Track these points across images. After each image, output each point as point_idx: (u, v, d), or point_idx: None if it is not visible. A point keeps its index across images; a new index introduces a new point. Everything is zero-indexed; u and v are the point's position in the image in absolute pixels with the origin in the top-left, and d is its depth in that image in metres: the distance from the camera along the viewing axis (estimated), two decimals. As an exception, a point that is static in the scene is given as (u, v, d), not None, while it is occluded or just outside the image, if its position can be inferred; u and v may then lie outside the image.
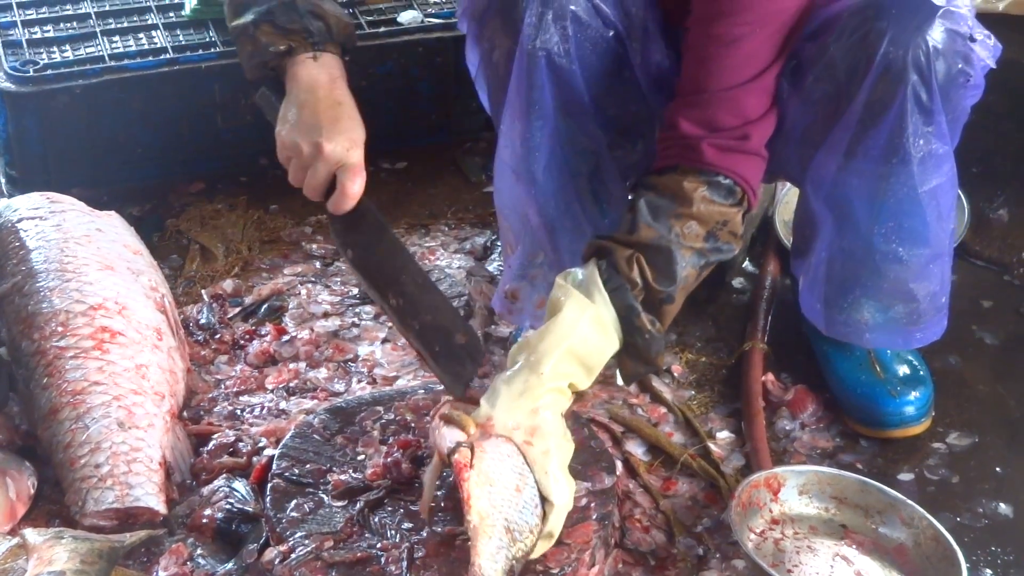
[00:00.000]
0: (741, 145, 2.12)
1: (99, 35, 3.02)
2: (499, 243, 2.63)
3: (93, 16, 3.08)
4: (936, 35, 2.12)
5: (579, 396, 2.16)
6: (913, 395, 2.45)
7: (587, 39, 2.18)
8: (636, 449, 2.39)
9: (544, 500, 2.01)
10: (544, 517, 2.01)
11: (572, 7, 2.16)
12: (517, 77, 2.19)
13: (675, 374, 2.56)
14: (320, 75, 2.15)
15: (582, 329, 2.05)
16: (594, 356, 2.07)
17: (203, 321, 2.64)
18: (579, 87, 2.20)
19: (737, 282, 2.76)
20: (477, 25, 2.24)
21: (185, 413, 2.42)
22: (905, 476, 2.37)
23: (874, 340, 2.41)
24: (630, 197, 2.20)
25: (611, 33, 2.20)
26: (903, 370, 2.47)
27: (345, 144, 2.10)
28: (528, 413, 2.04)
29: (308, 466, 2.23)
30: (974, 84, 2.16)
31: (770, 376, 2.53)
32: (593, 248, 2.12)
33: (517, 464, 2.02)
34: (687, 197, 2.10)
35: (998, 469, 2.39)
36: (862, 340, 2.41)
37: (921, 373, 2.48)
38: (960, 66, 2.13)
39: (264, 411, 2.45)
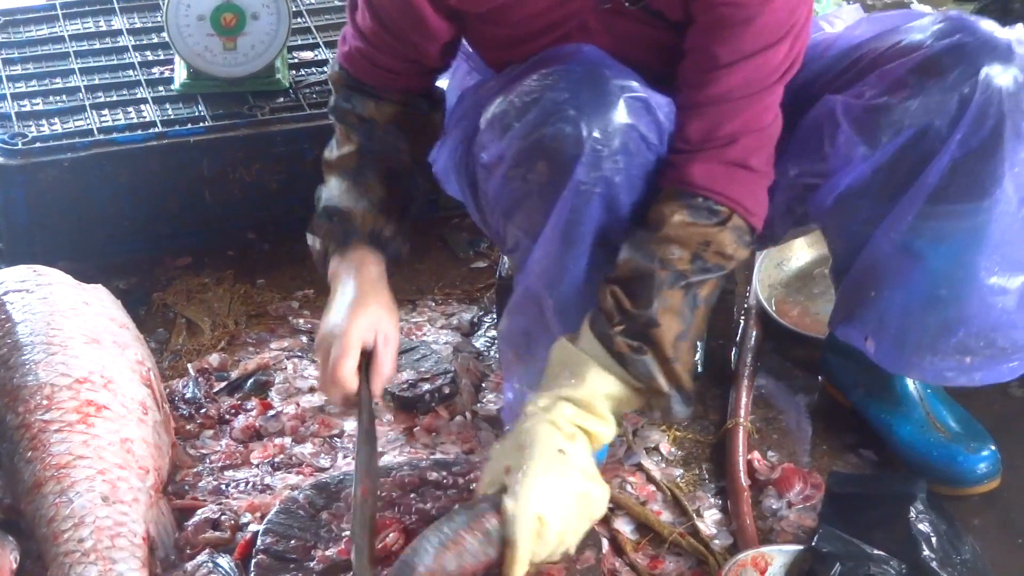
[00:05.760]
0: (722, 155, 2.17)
1: (88, 108, 3.02)
2: (498, 343, 2.61)
3: (82, 89, 3.08)
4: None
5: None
6: (985, 451, 2.47)
7: (635, 167, 2.18)
8: (624, 527, 2.38)
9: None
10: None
11: (623, 140, 2.16)
12: (563, 211, 2.18)
13: (663, 452, 2.55)
14: (340, 270, 2.29)
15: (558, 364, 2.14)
16: (585, 388, 2.12)
17: (189, 395, 2.63)
18: (625, 215, 2.20)
19: (724, 357, 2.76)
20: (511, 165, 2.21)
21: (170, 488, 2.40)
22: (892, 556, 2.37)
23: (983, 377, 2.40)
24: None
25: (654, 157, 2.20)
26: (961, 426, 2.49)
27: (339, 324, 2.21)
28: (514, 446, 2.10)
29: (293, 542, 2.22)
30: None
31: (756, 454, 2.52)
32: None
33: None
34: (664, 221, 2.14)
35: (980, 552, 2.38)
36: (971, 380, 2.40)
37: (979, 427, 2.51)
38: None
39: (249, 486, 2.44)
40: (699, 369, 2.55)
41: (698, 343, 2.28)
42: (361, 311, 2.23)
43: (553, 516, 2.04)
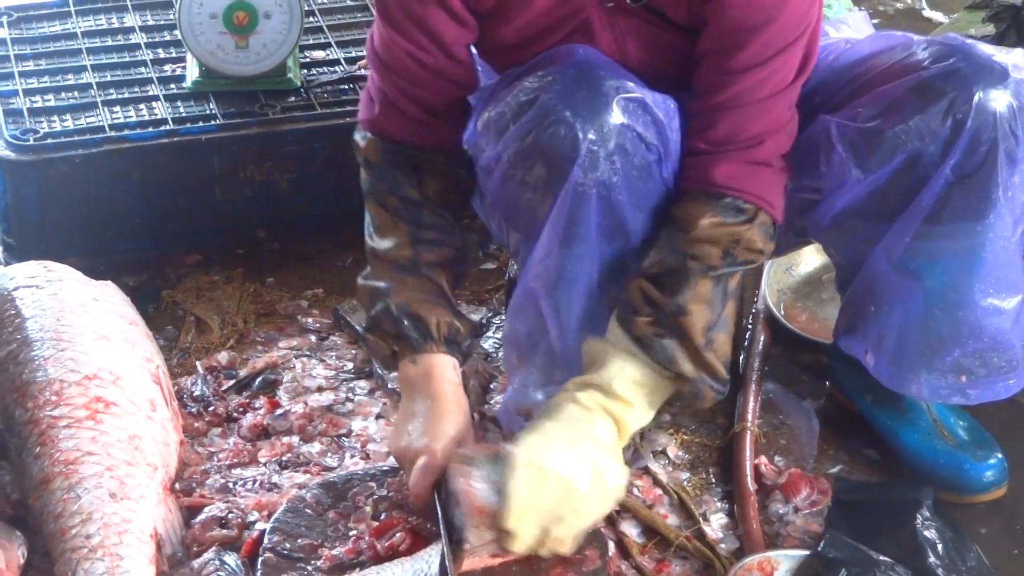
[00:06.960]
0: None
1: (100, 105, 3.03)
2: (502, 346, 2.61)
3: (94, 86, 3.08)
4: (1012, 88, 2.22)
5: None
6: (992, 459, 2.48)
7: (633, 167, 2.18)
8: (631, 530, 2.38)
9: None
10: None
11: (619, 141, 2.16)
12: (561, 212, 2.18)
13: (670, 455, 2.56)
14: (417, 378, 2.25)
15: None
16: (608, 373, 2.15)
17: (197, 393, 2.63)
18: (625, 215, 2.21)
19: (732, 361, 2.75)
20: (508, 168, 2.22)
21: (177, 485, 2.41)
22: (898, 562, 2.37)
23: (978, 396, 2.41)
24: None
25: (653, 156, 2.21)
26: (968, 434, 2.50)
27: (424, 440, 2.19)
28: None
29: (300, 541, 2.22)
30: None
31: (763, 459, 2.52)
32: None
33: None
34: (694, 223, 2.16)
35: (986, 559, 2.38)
36: (967, 398, 2.42)
37: (986, 435, 2.51)
38: None
39: (256, 484, 2.44)
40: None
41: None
42: (443, 429, 2.21)
43: (554, 470, 2.06)
